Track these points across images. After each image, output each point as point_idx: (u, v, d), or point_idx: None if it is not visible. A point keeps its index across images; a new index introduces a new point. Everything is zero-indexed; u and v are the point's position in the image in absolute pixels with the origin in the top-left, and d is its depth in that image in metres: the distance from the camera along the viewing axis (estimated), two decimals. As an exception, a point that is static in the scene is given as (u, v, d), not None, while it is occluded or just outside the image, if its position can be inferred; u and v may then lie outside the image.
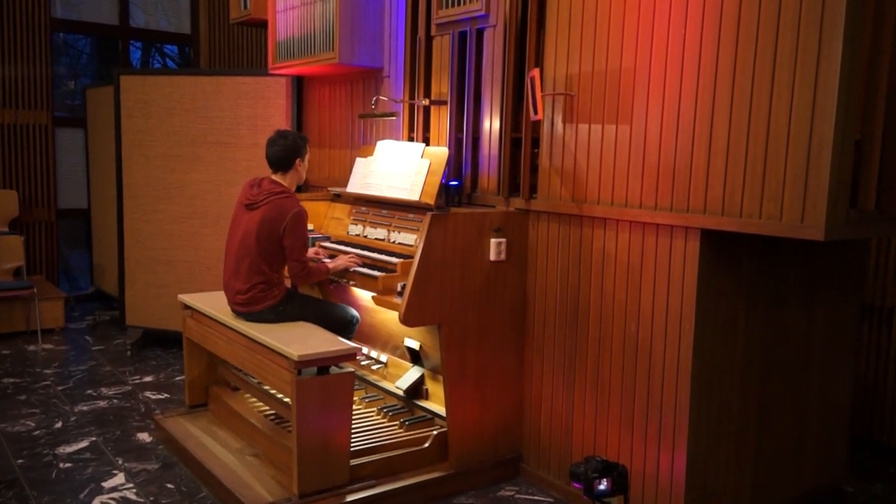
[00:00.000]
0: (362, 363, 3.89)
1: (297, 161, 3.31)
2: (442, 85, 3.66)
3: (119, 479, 3.24)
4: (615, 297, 2.96)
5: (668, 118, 2.69)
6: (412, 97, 3.84)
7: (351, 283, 3.39)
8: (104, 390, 4.29)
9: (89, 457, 3.45)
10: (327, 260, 3.39)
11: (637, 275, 2.88)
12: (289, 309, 3.34)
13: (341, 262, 3.34)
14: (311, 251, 3.57)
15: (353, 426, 3.34)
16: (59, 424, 3.80)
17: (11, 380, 4.40)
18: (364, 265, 3.39)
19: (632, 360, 2.92)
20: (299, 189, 4.73)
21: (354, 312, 3.49)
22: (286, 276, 3.37)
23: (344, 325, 3.42)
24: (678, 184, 2.68)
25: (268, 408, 3.53)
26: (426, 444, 3.23)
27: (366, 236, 3.74)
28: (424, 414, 3.48)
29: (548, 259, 3.26)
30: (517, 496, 3.18)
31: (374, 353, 3.88)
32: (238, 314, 3.37)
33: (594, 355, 3.08)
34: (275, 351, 3.00)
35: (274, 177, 3.33)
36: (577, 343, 3.14)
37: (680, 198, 2.68)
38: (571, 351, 3.17)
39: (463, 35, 3.50)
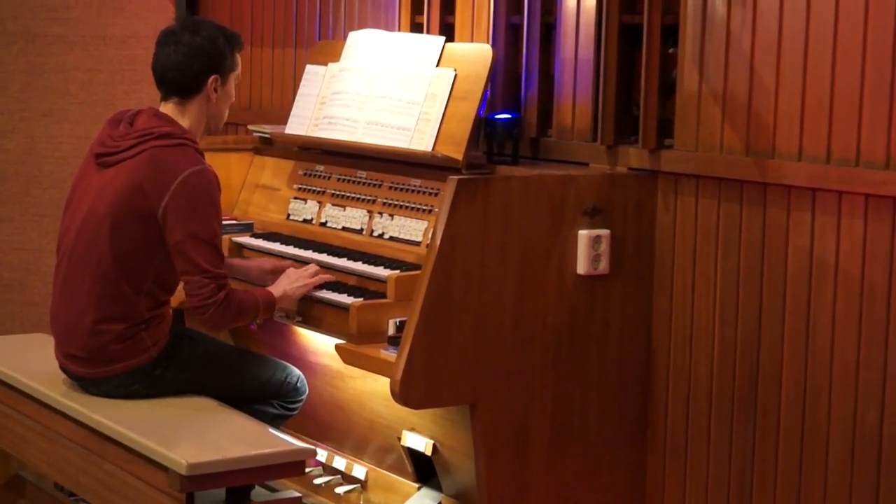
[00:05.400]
0: (317, 481, 3.87)
1: (212, 80, 3.36)
2: (479, -83, 3.71)
3: None
4: (835, 350, 2.97)
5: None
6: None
7: (297, 319, 3.43)
8: None
9: None
10: (268, 287, 3.45)
11: (882, 306, 2.88)
12: (173, 371, 3.37)
13: (296, 284, 3.41)
14: (250, 263, 3.67)
15: None
16: None
17: None
18: (324, 284, 3.46)
19: (870, 479, 2.92)
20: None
21: (296, 372, 3.56)
22: (173, 307, 3.44)
23: (276, 395, 3.50)
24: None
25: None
26: None
27: (324, 224, 3.77)
28: (442, 590, 3.50)
29: (696, 272, 3.28)
30: None
31: (339, 462, 3.85)
32: (73, 379, 3.38)
33: (792, 467, 3.08)
34: (142, 455, 3.01)
35: (162, 107, 3.39)
36: (758, 443, 3.14)
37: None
38: (745, 458, 3.17)
39: None
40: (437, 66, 3.52)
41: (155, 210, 3.21)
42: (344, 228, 3.69)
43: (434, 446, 3.49)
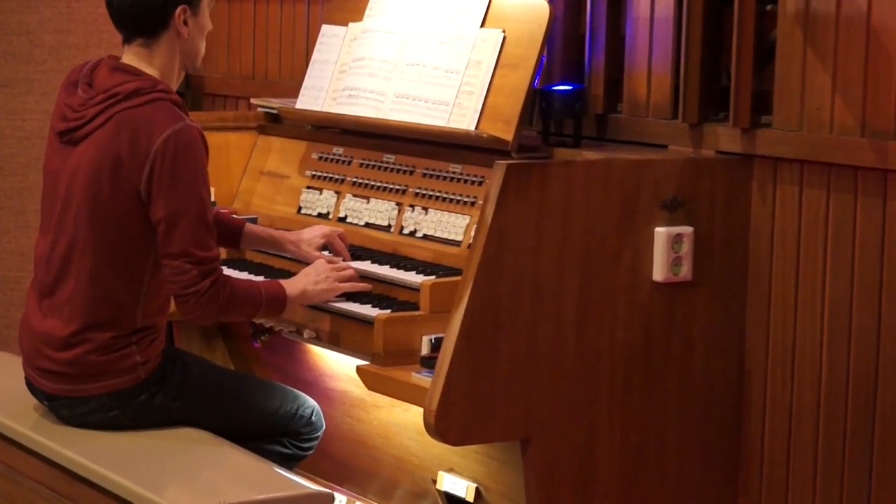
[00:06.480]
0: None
1: (180, 12, 3.34)
2: None
3: None
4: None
5: None
6: None
7: (309, 335, 3.46)
8: None
9: None
10: (281, 280, 3.52)
11: None
12: (161, 399, 3.36)
13: (321, 286, 3.42)
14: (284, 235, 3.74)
15: None
16: None
17: None
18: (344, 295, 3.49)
19: None
20: (187, 89, 4.84)
21: (310, 402, 3.58)
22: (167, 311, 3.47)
23: (286, 432, 3.51)
24: None
25: None
26: None
27: (344, 219, 3.78)
28: None
29: (800, 278, 3.25)
30: None
31: (362, 510, 3.86)
32: (41, 398, 3.38)
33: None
34: (124, 500, 3.00)
35: (126, 53, 3.39)
36: (875, 488, 3.11)
37: None
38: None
39: None
40: (482, 26, 3.49)
41: (137, 185, 3.19)
42: (367, 225, 3.66)
43: (477, 490, 3.46)
